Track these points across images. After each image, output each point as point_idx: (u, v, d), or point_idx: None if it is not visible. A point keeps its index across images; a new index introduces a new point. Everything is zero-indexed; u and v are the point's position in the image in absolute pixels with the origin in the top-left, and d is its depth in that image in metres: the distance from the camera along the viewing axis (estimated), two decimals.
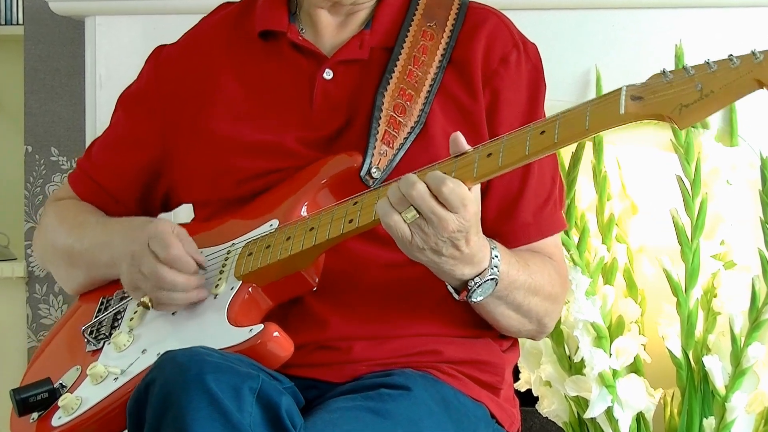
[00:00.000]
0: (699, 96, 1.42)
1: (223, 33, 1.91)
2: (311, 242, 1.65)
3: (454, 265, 1.61)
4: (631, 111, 1.46)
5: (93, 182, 1.97)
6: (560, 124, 1.51)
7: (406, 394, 1.65)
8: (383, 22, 1.83)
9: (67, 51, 3.20)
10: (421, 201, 1.54)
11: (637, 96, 1.46)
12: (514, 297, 1.72)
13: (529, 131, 1.53)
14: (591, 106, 1.50)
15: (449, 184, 1.54)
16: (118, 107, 1.99)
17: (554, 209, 1.83)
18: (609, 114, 1.48)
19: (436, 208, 1.54)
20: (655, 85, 1.46)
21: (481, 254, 1.63)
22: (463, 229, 1.57)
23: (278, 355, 1.62)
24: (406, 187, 1.55)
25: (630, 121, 1.47)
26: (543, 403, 2.64)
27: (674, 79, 1.45)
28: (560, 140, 1.51)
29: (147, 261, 1.71)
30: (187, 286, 1.71)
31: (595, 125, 1.49)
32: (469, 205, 1.56)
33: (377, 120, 1.75)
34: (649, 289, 2.62)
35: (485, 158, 1.55)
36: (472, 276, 1.64)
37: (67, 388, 1.76)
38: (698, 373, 2.54)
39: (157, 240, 1.71)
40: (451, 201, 1.54)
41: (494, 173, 1.56)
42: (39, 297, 3.26)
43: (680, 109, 1.43)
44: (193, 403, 1.47)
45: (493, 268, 1.65)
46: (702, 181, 2.54)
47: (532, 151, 1.52)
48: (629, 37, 2.69)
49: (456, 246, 1.58)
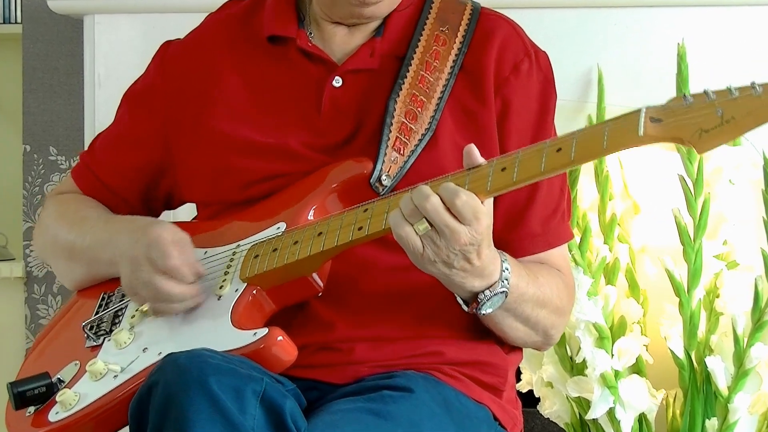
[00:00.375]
0: (720, 122, 1.42)
1: (229, 32, 1.90)
2: (319, 248, 1.65)
3: (464, 277, 1.62)
4: (650, 133, 1.45)
5: (95, 178, 1.97)
6: (577, 141, 1.51)
7: (407, 396, 1.65)
8: (395, 29, 1.83)
9: (65, 50, 3.20)
10: (434, 213, 1.54)
11: (656, 118, 1.45)
12: (522, 310, 1.72)
13: (545, 148, 1.53)
14: (609, 126, 1.49)
15: (462, 196, 1.54)
16: (123, 103, 1.98)
17: (562, 220, 1.84)
18: (627, 135, 1.47)
19: (449, 220, 1.54)
20: (675, 107, 1.45)
21: (492, 267, 1.64)
22: (475, 242, 1.57)
23: (282, 360, 1.62)
24: (419, 199, 1.55)
25: (648, 143, 1.46)
26: (544, 404, 2.65)
27: (695, 103, 1.44)
28: (576, 159, 1.50)
29: (145, 270, 1.71)
30: (184, 297, 1.71)
31: (612, 145, 1.48)
32: (482, 218, 1.56)
33: (389, 126, 1.75)
34: (652, 289, 2.62)
35: (499, 172, 1.55)
36: (483, 288, 1.65)
37: (66, 383, 1.75)
38: (701, 374, 2.54)
39: (155, 248, 1.71)
40: (464, 214, 1.54)
41: (507, 188, 1.56)
42: (37, 297, 3.26)
43: (700, 134, 1.42)
44: (195, 405, 1.47)
45: (504, 281, 1.66)
46: (704, 181, 2.54)
47: (547, 168, 1.52)
48: (631, 35, 2.69)
49: (467, 259, 1.59)
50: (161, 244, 1.71)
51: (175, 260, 1.70)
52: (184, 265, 1.71)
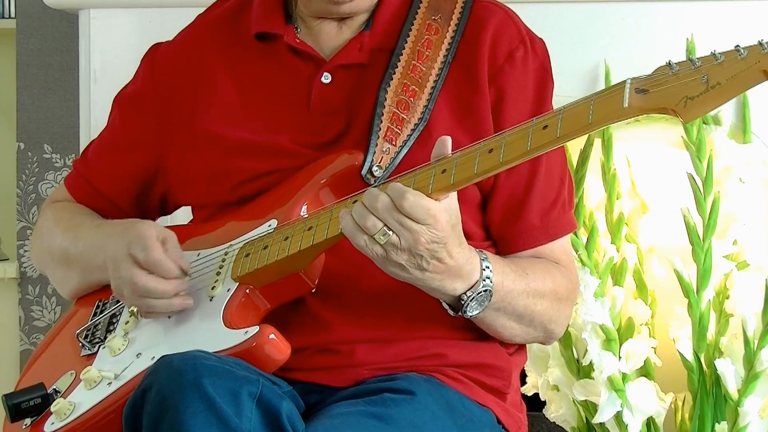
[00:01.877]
0: (705, 88, 1.41)
1: (218, 32, 1.91)
2: (309, 242, 1.65)
3: (441, 280, 1.61)
4: (635, 104, 1.46)
5: (89, 185, 1.97)
6: (563, 118, 1.51)
7: (409, 399, 1.65)
8: (383, 22, 1.82)
9: (60, 45, 3.20)
10: (385, 213, 1.54)
11: (641, 89, 1.46)
12: (513, 307, 1.71)
13: (531, 126, 1.53)
14: (594, 100, 1.49)
15: (409, 197, 1.54)
16: (114, 108, 1.99)
17: (562, 211, 1.83)
18: (612, 107, 1.47)
19: (403, 219, 1.54)
20: (661, 77, 1.45)
21: (470, 266, 1.63)
22: (439, 240, 1.56)
23: (274, 358, 1.62)
24: (369, 200, 1.55)
25: (634, 115, 1.47)
26: (550, 408, 2.64)
27: (680, 70, 1.44)
28: (563, 134, 1.50)
29: (124, 266, 1.71)
30: (165, 292, 1.71)
31: (598, 119, 1.48)
32: (439, 215, 1.55)
33: (379, 117, 1.75)
34: (660, 290, 2.61)
35: (486, 154, 1.55)
36: (464, 290, 1.64)
37: (61, 393, 1.77)
38: (710, 377, 2.53)
39: (137, 243, 1.71)
40: (415, 214, 1.54)
41: (496, 170, 1.55)
42: (32, 298, 3.26)
43: (685, 102, 1.42)
44: (190, 408, 1.47)
45: (485, 279, 1.65)
46: (714, 179, 2.54)
47: (534, 146, 1.52)
48: (639, 30, 2.68)
49: (438, 258, 1.58)
50: (143, 239, 1.71)
51: (157, 254, 1.70)
52: (166, 259, 1.71)
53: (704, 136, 2.55)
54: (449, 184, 1.56)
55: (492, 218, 1.78)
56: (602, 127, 1.53)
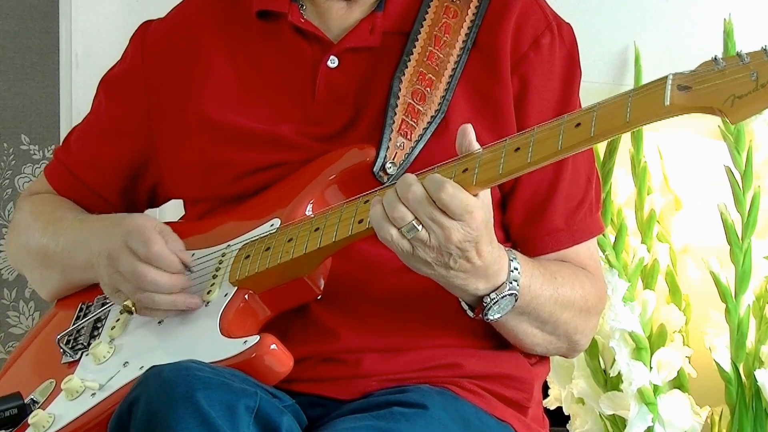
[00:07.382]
0: (754, 86, 1.42)
1: (215, 9, 1.91)
2: (316, 245, 1.64)
3: (465, 279, 1.61)
4: (677, 102, 1.46)
5: (72, 176, 1.97)
6: (598, 115, 1.51)
7: (421, 413, 1.65)
8: (398, 2, 1.82)
9: (39, 26, 3.21)
10: (417, 205, 1.54)
11: (684, 86, 1.46)
12: (538, 313, 1.71)
13: (563, 123, 1.53)
14: (632, 97, 1.50)
15: (449, 188, 1.53)
16: (99, 91, 1.99)
17: (589, 212, 1.83)
18: (652, 105, 1.47)
19: (436, 214, 1.54)
20: (705, 73, 1.46)
21: (497, 266, 1.63)
22: (471, 238, 1.56)
23: (276, 371, 1.62)
24: (402, 188, 1.54)
25: (676, 114, 1.47)
26: (575, 423, 2.65)
27: (727, 67, 1.44)
28: (597, 134, 1.50)
29: (125, 259, 1.71)
30: (172, 286, 1.71)
31: (636, 118, 1.49)
32: (475, 212, 1.55)
33: (393, 108, 1.75)
34: (695, 294, 2.62)
35: (512, 153, 1.55)
36: (488, 291, 1.64)
37: (39, 404, 1.77)
38: (749, 389, 2.54)
39: (135, 236, 1.71)
40: (452, 208, 1.54)
41: (522, 170, 1.55)
42: (8, 303, 3.27)
43: (732, 101, 1.43)
44: (182, 423, 1.47)
45: (512, 282, 1.65)
46: (754, 173, 2.54)
47: (565, 145, 1.52)
48: (671, 11, 2.68)
49: (467, 258, 1.58)
50: (142, 231, 1.71)
51: (158, 246, 1.70)
52: (168, 252, 1.71)
53: (743, 126, 2.55)
54: (470, 185, 1.55)
55: (513, 218, 1.78)
56: (640, 127, 1.52)
